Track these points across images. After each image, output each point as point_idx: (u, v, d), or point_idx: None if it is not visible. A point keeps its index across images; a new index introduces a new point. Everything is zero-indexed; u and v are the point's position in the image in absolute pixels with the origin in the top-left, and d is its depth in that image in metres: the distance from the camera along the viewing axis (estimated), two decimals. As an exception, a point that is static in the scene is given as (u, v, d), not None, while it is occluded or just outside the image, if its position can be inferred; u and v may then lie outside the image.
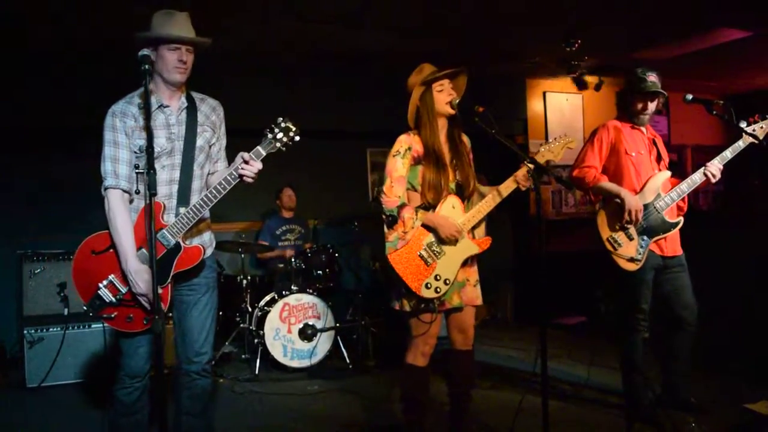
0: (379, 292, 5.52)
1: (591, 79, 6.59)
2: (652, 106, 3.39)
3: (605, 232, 3.34)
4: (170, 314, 2.67)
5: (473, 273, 2.96)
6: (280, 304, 4.77)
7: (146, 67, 2.28)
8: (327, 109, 5.96)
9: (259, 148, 2.40)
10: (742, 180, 6.87)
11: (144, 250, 2.44)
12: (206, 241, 2.65)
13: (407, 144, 2.87)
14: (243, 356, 4.99)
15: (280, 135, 2.39)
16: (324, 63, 5.83)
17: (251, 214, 6.21)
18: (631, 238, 3.30)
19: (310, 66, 5.86)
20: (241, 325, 4.98)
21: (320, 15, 4.60)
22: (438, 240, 2.80)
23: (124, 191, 2.45)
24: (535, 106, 7.04)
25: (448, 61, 2.93)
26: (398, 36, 5.17)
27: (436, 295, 2.77)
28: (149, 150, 2.20)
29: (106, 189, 2.45)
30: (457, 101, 2.86)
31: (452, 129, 2.96)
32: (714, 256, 4.17)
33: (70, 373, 4.43)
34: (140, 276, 2.37)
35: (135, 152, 2.47)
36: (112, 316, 2.45)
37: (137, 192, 2.49)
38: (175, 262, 2.45)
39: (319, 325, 4.84)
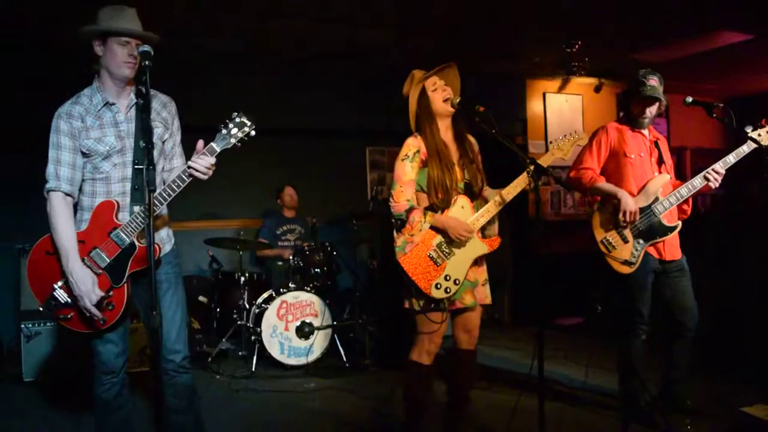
0: (376, 290, 5.51)
1: (590, 81, 6.59)
2: (650, 111, 3.36)
3: (599, 234, 3.34)
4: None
5: (483, 273, 2.95)
6: (277, 301, 4.77)
7: (146, 63, 2.24)
8: (326, 107, 5.96)
9: (212, 144, 2.32)
10: (739, 183, 6.87)
11: (99, 251, 2.39)
12: (163, 238, 2.60)
13: (415, 147, 2.83)
14: (240, 353, 4.99)
15: (234, 130, 2.31)
16: (323, 62, 5.83)
17: (251, 212, 6.20)
18: (626, 241, 3.29)
19: (310, 65, 5.85)
20: (239, 322, 4.98)
21: (319, 14, 4.59)
22: (447, 240, 2.77)
23: (66, 194, 2.41)
24: (534, 106, 7.03)
25: (447, 60, 2.92)
26: (397, 35, 5.17)
27: (446, 296, 2.75)
28: (149, 147, 2.17)
29: (47, 191, 2.41)
30: (458, 100, 2.83)
31: (459, 129, 2.93)
32: (711, 258, 4.18)
33: (66, 368, 4.42)
34: (80, 277, 2.32)
35: (84, 152, 2.42)
36: (69, 317, 2.41)
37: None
38: (130, 262, 2.40)
39: (316, 323, 4.84)
